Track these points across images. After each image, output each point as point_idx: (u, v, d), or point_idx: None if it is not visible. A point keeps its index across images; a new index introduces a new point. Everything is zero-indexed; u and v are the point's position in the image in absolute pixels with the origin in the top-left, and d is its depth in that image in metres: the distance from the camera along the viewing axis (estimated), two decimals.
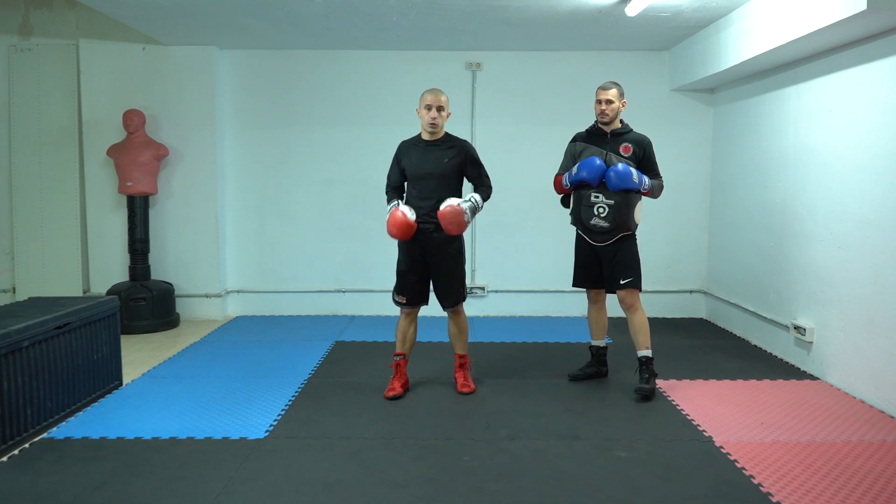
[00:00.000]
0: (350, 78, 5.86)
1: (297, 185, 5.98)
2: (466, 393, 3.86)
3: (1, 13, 5.79)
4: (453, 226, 3.63)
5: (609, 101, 3.76)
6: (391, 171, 3.85)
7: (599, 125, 3.84)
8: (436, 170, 3.70)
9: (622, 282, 3.79)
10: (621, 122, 3.85)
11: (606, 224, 3.75)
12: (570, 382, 4.04)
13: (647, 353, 3.83)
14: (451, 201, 3.64)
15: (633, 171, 3.68)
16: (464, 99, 5.87)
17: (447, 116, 3.75)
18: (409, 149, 3.80)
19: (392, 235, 3.69)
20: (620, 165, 3.67)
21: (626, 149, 3.77)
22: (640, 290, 3.87)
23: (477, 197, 3.75)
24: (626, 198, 3.74)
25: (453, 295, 3.81)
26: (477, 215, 3.84)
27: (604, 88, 3.78)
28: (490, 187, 3.85)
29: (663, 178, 3.91)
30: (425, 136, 3.77)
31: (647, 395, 3.73)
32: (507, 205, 5.85)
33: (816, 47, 4.00)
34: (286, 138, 5.94)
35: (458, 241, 3.80)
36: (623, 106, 3.80)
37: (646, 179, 3.73)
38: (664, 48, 5.72)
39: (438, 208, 3.64)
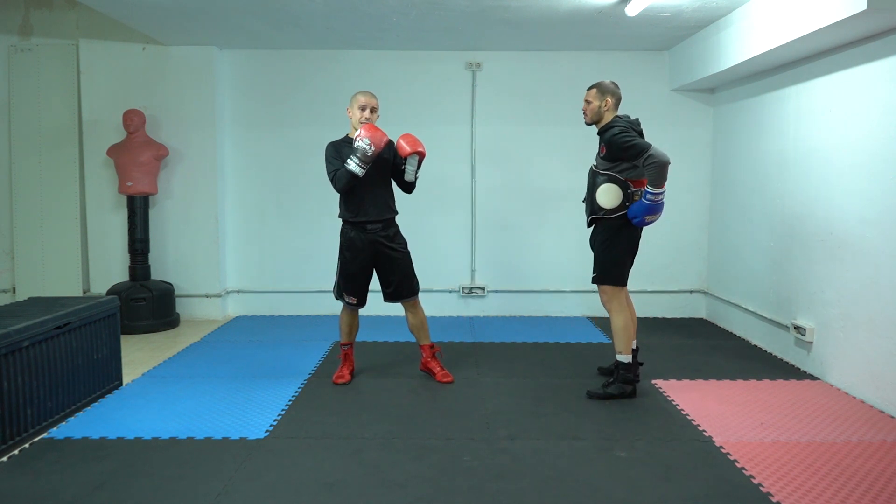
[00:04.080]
0: (350, 78, 5.85)
1: (297, 185, 5.97)
2: (448, 382, 3.98)
3: (1, 13, 5.79)
4: (409, 140, 3.76)
5: (587, 102, 3.70)
6: (335, 163, 3.76)
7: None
8: (374, 169, 3.76)
9: (592, 276, 3.71)
10: (619, 117, 3.65)
11: (583, 203, 3.74)
12: (570, 382, 4.03)
13: (622, 357, 3.70)
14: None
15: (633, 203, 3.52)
16: (464, 99, 5.87)
17: (376, 118, 3.86)
18: (343, 148, 3.80)
19: (369, 137, 3.60)
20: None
21: (602, 149, 3.67)
22: (616, 285, 3.66)
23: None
24: (593, 179, 3.68)
25: (407, 287, 3.97)
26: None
27: (587, 89, 3.75)
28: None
29: (653, 150, 3.38)
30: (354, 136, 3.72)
31: (600, 398, 3.68)
32: (506, 204, 5.86)
33: (816, 47, 4.00)
34: (286, 138, 5.93)
35: (402, 237, 3.97)
36: (606, 105, 3.63)
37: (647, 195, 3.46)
38: (664, 48, 5.72)
39: (378, 207, 3.84)
